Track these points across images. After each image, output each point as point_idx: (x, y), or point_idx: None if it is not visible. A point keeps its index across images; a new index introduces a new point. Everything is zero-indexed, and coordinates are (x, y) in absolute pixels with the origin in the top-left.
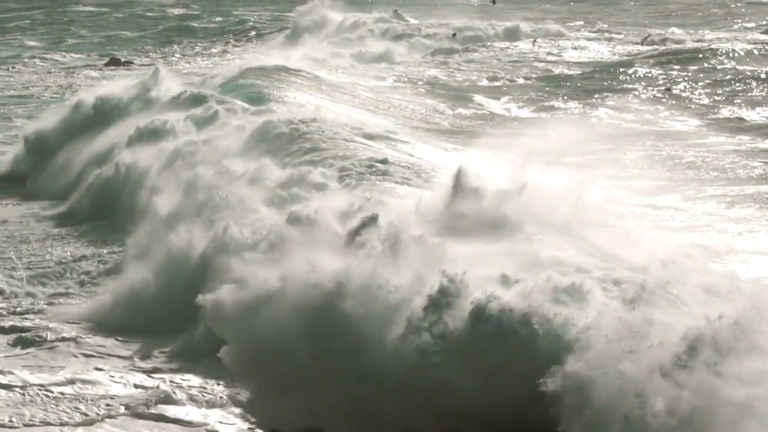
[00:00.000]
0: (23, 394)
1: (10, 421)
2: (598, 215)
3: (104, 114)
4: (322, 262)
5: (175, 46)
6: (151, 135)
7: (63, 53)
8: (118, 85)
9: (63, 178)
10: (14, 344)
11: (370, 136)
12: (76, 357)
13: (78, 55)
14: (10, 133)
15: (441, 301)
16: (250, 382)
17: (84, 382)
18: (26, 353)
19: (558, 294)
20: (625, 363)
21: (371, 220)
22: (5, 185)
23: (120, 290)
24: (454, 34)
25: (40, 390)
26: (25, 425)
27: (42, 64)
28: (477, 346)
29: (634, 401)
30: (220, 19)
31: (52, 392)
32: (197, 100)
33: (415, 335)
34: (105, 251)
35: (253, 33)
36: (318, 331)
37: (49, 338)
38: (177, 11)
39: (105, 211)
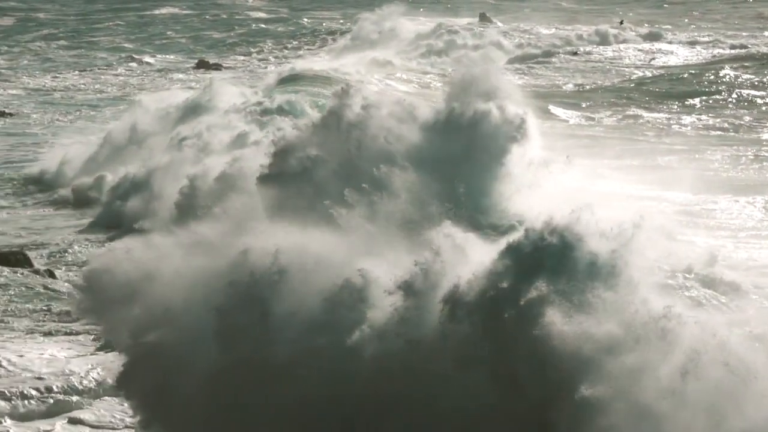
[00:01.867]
0: None
1: None
2: None
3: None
4: None
5: (257, 49)
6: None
7: (154, 55)
8: (175, 96)
9: None
10: None
11: None
12: None
13: (167, 57)
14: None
15: None
16: None
17: None
18: None
19: None
20: None
21: None
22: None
23: None
24: (622, 21)
25: None
26: None
27: (133, 65)
28: None
29: None
30: (307, 20)
31: None
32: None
33: None
34: None
35: (332, 37)
36: None
37: None
38: (260, 14)
39: None
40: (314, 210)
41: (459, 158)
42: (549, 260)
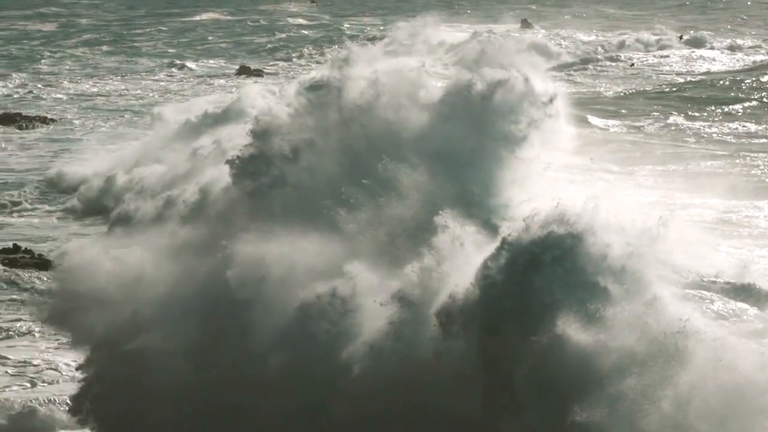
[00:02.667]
0: None
1: None
2: None
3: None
4: None
5: (297, 54)
6: None
7: (195, 60)
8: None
9: None
10: None
11: None
12: None
13: (209, 62)
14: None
15: None
16: None
17: None
18: None
19: None
20: None
21: None
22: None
23: None
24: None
25: None
26: None
27: (174, 70)
28: None
29: None
30: (348, 26)
31: None
32: None
33: None
34: None
35: (372, 43)
36: None
37: None
38: (300, 21)
39: None
40: (303, 208)
41: (469, 150)
42: (547, 272)
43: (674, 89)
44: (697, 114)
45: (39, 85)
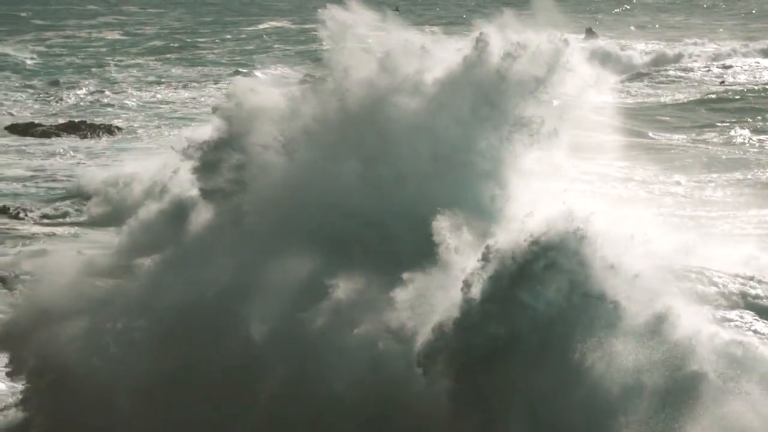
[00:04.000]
0: None
1: None
2: None
3: None
4: None
5: None
6: None
7: (260, 68)
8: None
9: None
10: None
11: None
12: None
13: (275, 70)
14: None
15: None
16: None
17: None
18: None
19: None
20: None
21: None
22: None
23: None
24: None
25: None
26: None
27: (239, 78)
28: None
29: None
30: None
31: None
32: None
33: None
34: None
35: None
36: None
37: None
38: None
39: None
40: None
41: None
42: (535, 297)
43: (736, 96)
44: (760, 124)
45: (107, 93)
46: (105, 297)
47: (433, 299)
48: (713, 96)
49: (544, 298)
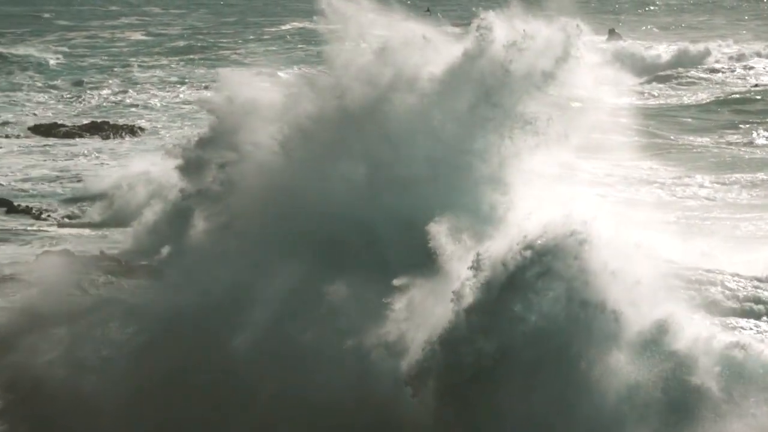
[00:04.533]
0: None
1: None
2: None
3: None
4: None
5: None
6: None
7: (284, 69)
8: None
9: None
10: None
11: None
12: None
13: (299, 71)
14: None
15: None
16: None
17: None
18: None
19: None
20: None
21: None
22: None
23: None
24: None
25: None
26: None
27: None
28: None
29: None
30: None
31: None
32: None
33: None
34: None
35: None
36: None
37: None
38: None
39: None
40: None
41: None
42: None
43: (758, 97)
44: None
45: (130, 93)
46: (94, 303)
47: (428, 310)
48: (737, 96)
49: (538, 308)
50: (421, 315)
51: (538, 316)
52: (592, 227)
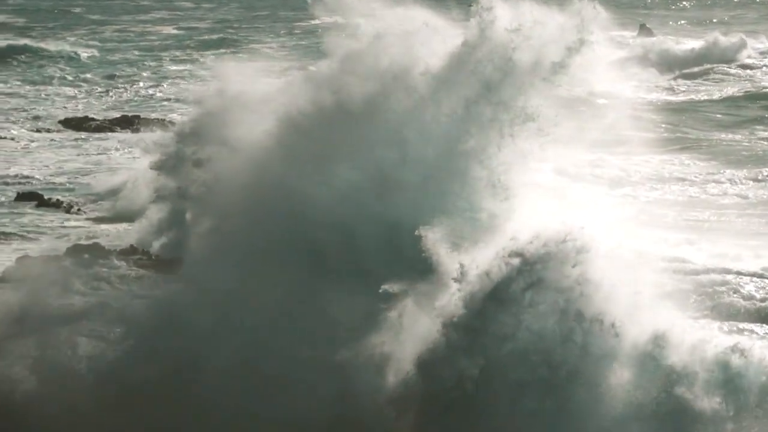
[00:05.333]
0: None
1: None
2: None
3: None
4: None
5: None
6: None
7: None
8: None
9: None
10: None
11: None
12: None
13: None
14: None
15: None
16: None
17: None
18: None
19: None
20: None
21: None
22: None
23: None
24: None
25: None
26: None
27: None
28: None
29: None
30: None
31: None
32: None
33: None
34: None
35: None
36: None
37: None
38: None
39: None
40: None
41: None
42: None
43: None
44: None
45: (161, 87)
46: (82, 307)
47: (412, 325)
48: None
49: (526, 324)
50: (406, 329)
51: (526, 332)
52: (588, 233)
